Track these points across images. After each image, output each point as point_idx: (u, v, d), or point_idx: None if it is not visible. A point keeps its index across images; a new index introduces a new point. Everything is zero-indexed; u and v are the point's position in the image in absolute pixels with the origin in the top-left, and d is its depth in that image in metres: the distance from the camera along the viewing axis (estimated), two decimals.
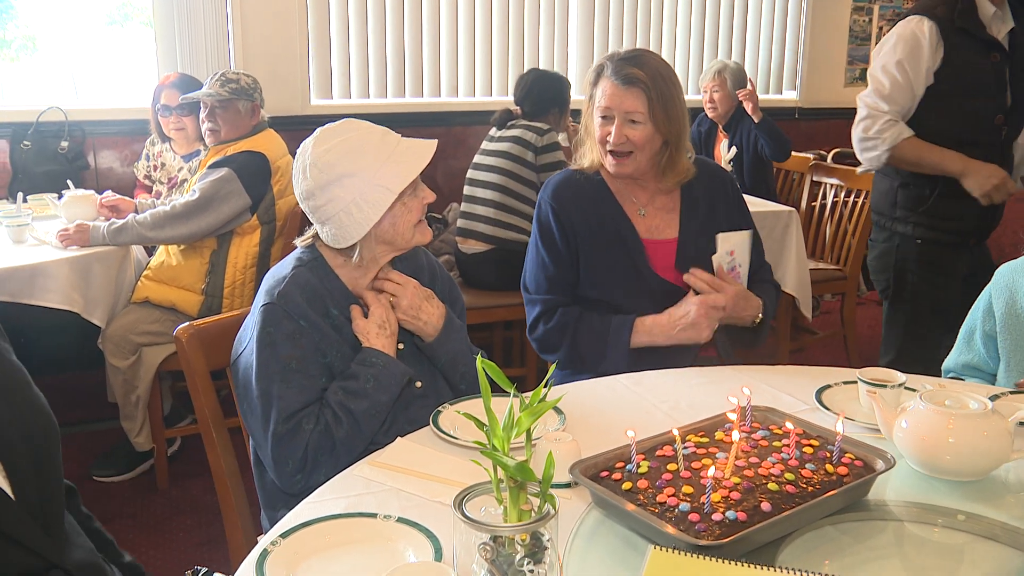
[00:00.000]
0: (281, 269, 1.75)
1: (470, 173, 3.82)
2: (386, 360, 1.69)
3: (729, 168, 4.06)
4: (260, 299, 1.71)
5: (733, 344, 2.26)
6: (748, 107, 4.28)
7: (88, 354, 3.26)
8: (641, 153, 2.11)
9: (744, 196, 2.33)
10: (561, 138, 3.82)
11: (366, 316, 1.74)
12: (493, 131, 3.83)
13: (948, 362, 2.08)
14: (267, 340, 1.64)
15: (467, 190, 3.81)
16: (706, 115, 4.55)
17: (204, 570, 1.38)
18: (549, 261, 2.17)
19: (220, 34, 4.21)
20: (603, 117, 2.11)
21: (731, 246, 2.11)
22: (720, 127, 4.53)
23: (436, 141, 1.75)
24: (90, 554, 1.35)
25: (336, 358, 1.70)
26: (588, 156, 2.22)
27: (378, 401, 1.66)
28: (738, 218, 2.25)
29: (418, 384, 1.78)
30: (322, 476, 1.59)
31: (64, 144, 3.92)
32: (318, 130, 1.72)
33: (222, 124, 3.17)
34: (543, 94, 3.77)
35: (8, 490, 1.25)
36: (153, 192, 3.69)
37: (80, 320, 2.96)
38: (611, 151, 2.12)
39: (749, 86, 4.32)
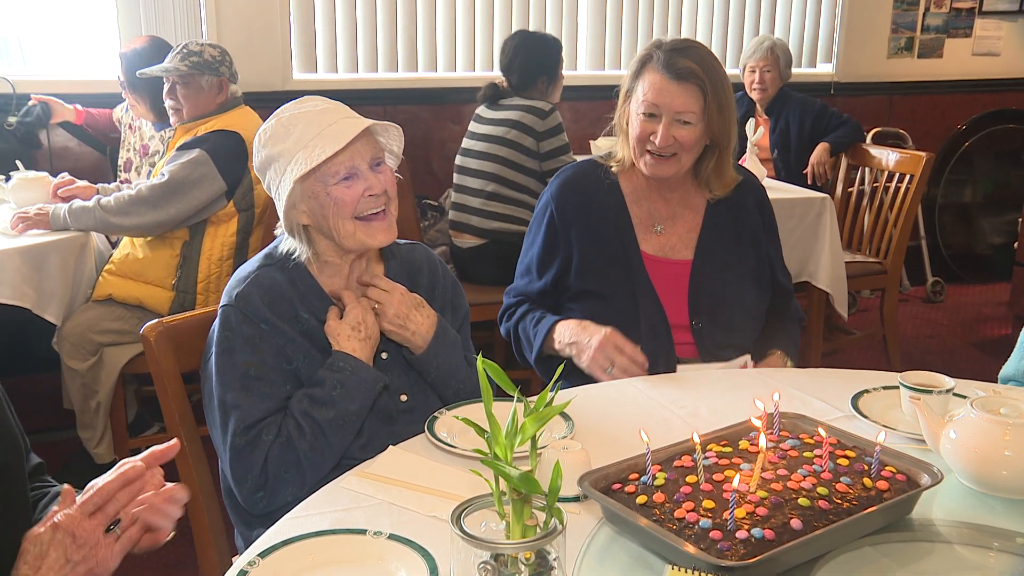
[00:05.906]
0: (246, 267, 1.77)
1: (459, 160, 3.79)
2: (355, 365, 1.68)
3: (755, 152, 4.05)
4: (221, 300, 1.72)
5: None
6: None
7: (42, 355, 3.26)
8: (687, 155, 2.07)
9: (777, 184, 2.31)
10: None
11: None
12: (482, 110, 3.76)
13: (1007, 369, 2.07)
14: (225, 345, 1.66)
15: (457, 179, 3.79)
16: (744, 95, 4.54)
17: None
18: (533, 259, 2.22)
19: (190, 0, 4.20)
20: (647, 114, 2.05)
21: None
22: (759, 110, 4.52)
23: (375, 122, 1.68)
24: None
25: (304, 364, 1.70)
26: (622, 151, 2.18)
27: (345, 410, 1.66)
28: (765, 242, 2.22)
29: (403, 397, 1.78)
30: (288, 495, 1.61)
31: (12, 120, 3.90)
32: None
33: (184, 102, 3.18)
34: (528, 61, 3.68)
35: None
36: (123, 160, 3.68)
37: (32, 317, 2.96)
38: (651, 151, 2.07)
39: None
